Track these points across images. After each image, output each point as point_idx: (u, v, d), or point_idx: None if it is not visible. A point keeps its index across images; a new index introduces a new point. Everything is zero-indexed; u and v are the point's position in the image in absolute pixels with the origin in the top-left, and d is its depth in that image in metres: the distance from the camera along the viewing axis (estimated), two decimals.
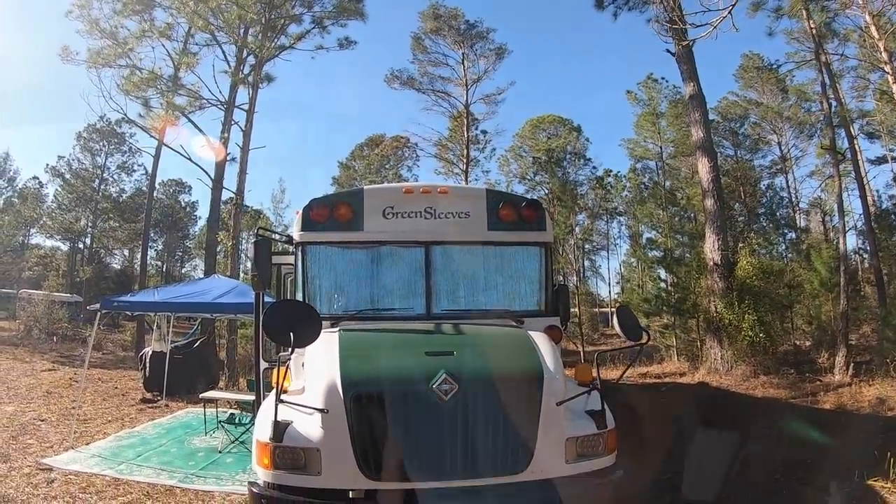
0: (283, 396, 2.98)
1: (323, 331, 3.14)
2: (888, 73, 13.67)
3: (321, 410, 2.89)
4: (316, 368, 3.21)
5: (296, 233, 4.18)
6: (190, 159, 17.07)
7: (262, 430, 2.98)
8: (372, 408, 2.92)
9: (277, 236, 4.91)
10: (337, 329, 3.68)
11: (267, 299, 4.82)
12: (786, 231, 25.51)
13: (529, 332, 3.65)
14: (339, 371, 3.01)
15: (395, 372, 3.04)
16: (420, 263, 4.09)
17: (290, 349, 2.98)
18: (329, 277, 4.21)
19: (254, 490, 3.04)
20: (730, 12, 5.77)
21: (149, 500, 5.01)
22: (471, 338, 3.59)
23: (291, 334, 2.87)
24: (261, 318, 4.29)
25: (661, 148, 25.94)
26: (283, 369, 3.01)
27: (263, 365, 4.64)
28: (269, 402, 3.09)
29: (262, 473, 2.99)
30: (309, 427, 2.92)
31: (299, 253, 4.15)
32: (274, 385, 3.09)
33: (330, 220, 4.12)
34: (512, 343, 3.52)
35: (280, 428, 2.88)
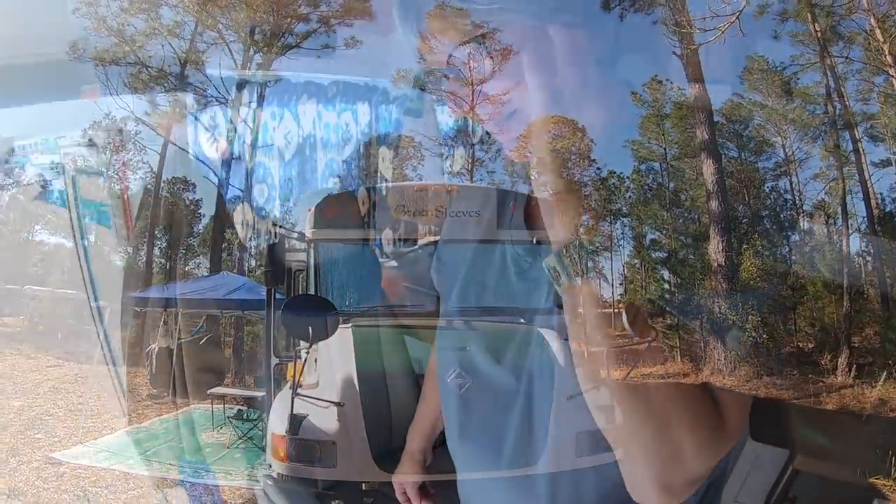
0: (297, 390, 3.03)
1: None
2: (893, 76, 13.65)
3: (337, 404, 2.94)
4: (330, 363, 3.26)
5: (308, 230, 4.24)
6: (196, 157, 17.16)
7: (277, 423, 3.03)
8: (387, 401, 2.98)
9: (285, 232, 4.97)
10: (349, 325, 3.73)
11: (277, 296, 4.89)
12: (790, 233, 25.48)
13: (540, 329, 3.70)
14: (354, 365, 3.07)
15: (409, 366, 3.09)
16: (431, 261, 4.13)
17: (307, 343, 3.04)
18: (340, 274, 4.27)
19: (268, 482, 3.10)
20: (737, 17, 5.79)
21: (158, 494, 5.06)
22: (483, 334, 3.64)
23: (310, 328, 2.92)
24: (272, 315, 4.36)
25: (665, 149, 25.89)
26: (299, 363, 3.06)
27: (274, 360, 4.69)
28: (284, 395, 3.15)
29: (276, 466, 3.04)
30: (324, 420, 2.97)
31: (311, 249, 4.21)
32: (288, 379, 3.15)
33: (342, 218, 4.17)
34: (523, 339, 3.57)
35: (296, 421, 2.93)
